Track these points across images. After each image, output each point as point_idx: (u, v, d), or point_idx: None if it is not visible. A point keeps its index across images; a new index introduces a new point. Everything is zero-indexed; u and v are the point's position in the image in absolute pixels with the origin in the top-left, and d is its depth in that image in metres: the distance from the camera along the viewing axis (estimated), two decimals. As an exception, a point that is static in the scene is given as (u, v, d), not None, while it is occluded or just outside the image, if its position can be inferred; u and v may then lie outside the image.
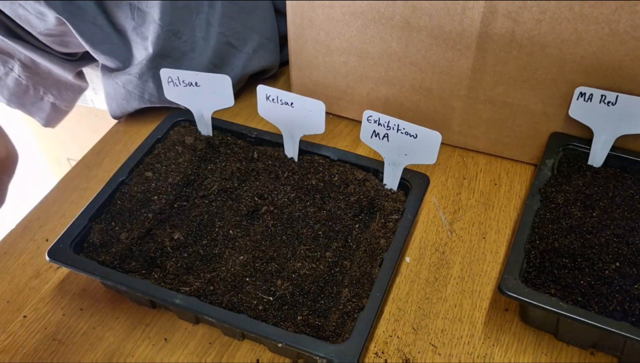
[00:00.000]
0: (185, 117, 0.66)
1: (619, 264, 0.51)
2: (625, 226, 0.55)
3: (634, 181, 0.59)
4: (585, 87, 0.58)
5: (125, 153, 0.68)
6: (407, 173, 0.58)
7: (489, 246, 0.60)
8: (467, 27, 0.59)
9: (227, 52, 0.74)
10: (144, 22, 0.69)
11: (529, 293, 0.48)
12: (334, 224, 0.56)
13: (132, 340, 0.54)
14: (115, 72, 0.72)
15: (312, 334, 0.48)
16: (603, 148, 0.60)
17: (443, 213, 0.64)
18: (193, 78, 0.62)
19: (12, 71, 0.79)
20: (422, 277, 0.58)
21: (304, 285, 0.52)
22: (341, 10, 0.64)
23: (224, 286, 0.52)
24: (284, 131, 0.61)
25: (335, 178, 0.60)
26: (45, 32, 0.70)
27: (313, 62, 0.70)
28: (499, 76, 0.62)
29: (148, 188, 0.60)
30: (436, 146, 0.54)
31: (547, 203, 0.57)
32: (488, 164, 0.69)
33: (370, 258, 0.53)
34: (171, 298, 0.50)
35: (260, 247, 0.55)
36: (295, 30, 0.68)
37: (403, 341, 0.53)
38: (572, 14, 0.55)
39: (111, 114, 0.77)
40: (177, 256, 0.54)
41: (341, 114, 0.75)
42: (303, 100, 0.58)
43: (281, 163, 0.62)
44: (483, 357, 0.52)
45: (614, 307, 0.48)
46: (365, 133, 0.57)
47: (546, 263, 0.52)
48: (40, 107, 0.86)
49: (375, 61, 0.67)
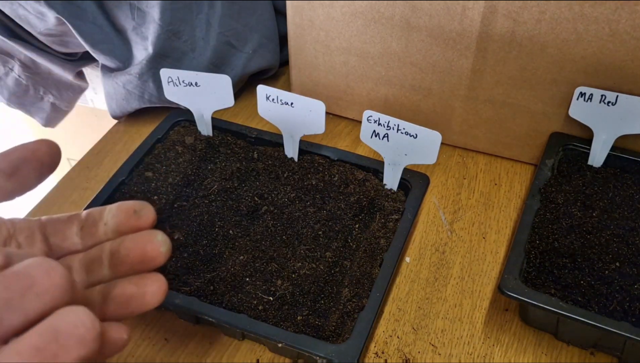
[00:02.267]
0: (185, 117, 0.66)
1: (619, 264, 0.51)
2: (625, 226, 0.55)
3: (634, 181, 0.59)
4: (585, 87, 0.58)
5: (125, 153, 0.68)
6: (407, 173, 0.58)
7: (489, 246, 0.60)
8: (467, 27, 0.59)
9: (227, 52, 0.74)
10: (144, 22, 0.69)
11: (529, 293, 0.48)
12: (334, 224, 0.56)
13: (132, 340, 0.54)
14: (115, 72, 0.72)
15: (312, 334, 0.48)
16: (603, 148, 0.60)
17: (443, 213, 0.64)
18: (193, 78, 0.62)
19: (12, 71, 0.79)
20: (422, 277, 0.58)
21: (304, 285, 0.52)
22: (341, 10, 0.64)
23: (224, 286, 0.52)
24: (284, 131, 0.61)
25: (335, 178, 0.60)
26: (45, 32, 0.70)
27: (313, 62, 0.70)
28: (499, 76, 0.62)
29: (148, 188, 0.60)
30: (436, 146, 0.54)
31: (547, 203, 0.57)
32: (488, 164, 0.69)
33: (370, 258, 0.53)
34: (171, 298, 0.50)
35: (260, 247, 0.55)
36: (295, 30, 0.68)
37: (403, 341, 0.53)
38: (572, 14, 0.55)
39: (111, 114, 0.77)
40: (177, 256, 0.54)
41: (341, 114, 0.75)
42: (303, 100, 0.58)
43: (281, 163, 0.62)
44: (483, 357, 0.52)
45: (614, 307, 0.48)
46: (365, 133, 0.57)
47: (546, 263, 0.52)
48: (40, 107, 0.86)
49: (375, 61, 0.67)
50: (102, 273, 0.35)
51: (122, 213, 0.36)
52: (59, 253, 0.38)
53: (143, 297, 0.34)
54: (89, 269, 0.36)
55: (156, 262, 0.34)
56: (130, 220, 0.36)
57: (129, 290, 0.34)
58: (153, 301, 0.34)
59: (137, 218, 0.36)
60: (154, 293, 0.34)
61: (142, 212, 0.36)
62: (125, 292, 0.34)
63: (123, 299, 0.34)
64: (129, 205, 0.36)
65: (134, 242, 0.34)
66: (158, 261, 0.34)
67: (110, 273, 0.35)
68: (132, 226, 0.36)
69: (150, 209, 0.36)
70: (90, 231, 0.38)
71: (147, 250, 0.34)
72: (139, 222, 0.36)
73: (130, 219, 0.36)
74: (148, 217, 0.36)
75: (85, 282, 0.36)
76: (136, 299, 0.34)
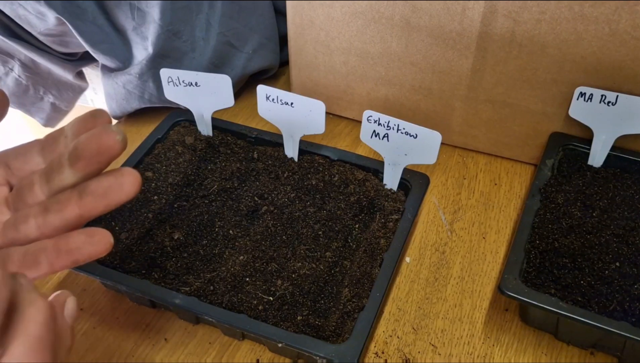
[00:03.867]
0: (185, 117, 0.66)
1: (619, 264, 0.51)
2: (625, 226, 0.55)
3: (634, 181, 0.59)
4: (585, 87, 0.58)
5: (125, 153, 0.68)
6: (407, 173, 0.58)
7: (489, 246, 0.60)
8: (467, 27, 0.59)
9: (227, 52, 0.74)
10: (144, 22, 0.69)
11: (529, 293, 0.48)
12: (334, 224, 0.56)
13: (132, 340, 0.54)
14: (115, 72, 0.72)
15: (312, 334, 0.48)
16: (603, 148, 0.60)
17: (443, 213, 0.64)
18: (193, 78, 0.62)
19: (12, 71, 0.79)
20: (422, 277, 0.58)
21: (304, 285, 0.52)
22: (341, 10, 0.64)
23: (224, 286, 0.52)
24: (284, 131, 0.61)
25: (335, 178, 0.60)
26: (45, 32, 0.70)
27: (313, 62, 0.70)
28: (499, 76, 0.62)
29: (148, 188, 0.60)
30: (436, 146, 0.54)
31: (547, 203, 0.57)
32: (488, 164, 0.69)
33: (370, 258, 0.53)
34: (171, 298, 0.50)
35: (260, 247, 0.55)
36: (295, 30, 0.68)
37: (403, 341, 0.53)
38: (572, 14, 0.55)
39: (111, 114, 0.77)
40: (177, 256, 0.54)
41: (341, 114, 0.75)
42: (303, 100, 0.58)
43: (281, 163, 0.62)
44: (483, 357, 0.52)
45: (614, 307, 0.48)
46: (365, 133, 0.57)
47: (546, 263, 0.52)
48: (40, 107, 0.86)
49: (375, 61, 0.67)
50: (64, 177, 0.36)
51: (80, 121, 0.37)
52: (21, 174, 0.39)
53: (121, 187, 0.35)
54: (50, 178, 0.36)
55: (113, 151, 0.34)
56: (88, 124, 0.37)
57: (106, 183, 0.35)
58: (132, 190, 0.35)
59: (93, 120, 0.37)
60: (132, 183, 0.35)
61: (98, 114, 0.37)
62: (102, 185, 0.35)
63: (101, 191, 0.35)
64: (84, 114, 0.37)
65: (89, 136, 0.34)
66: (115, 151, 0.34)
67: (72, 174, 0.35)
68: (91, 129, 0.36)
69: (106, 112, 0.37)
70: (51, 148, 0.38)
71: (103, 140, 0.34)
72: (96, 123, 0.37)
73: (88, 123, 0.37)
74: (104, 118, 0.37)
75: (47, 191, 0.36)
76: (114, 189, 0.35)
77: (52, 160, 0.37)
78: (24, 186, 0.37)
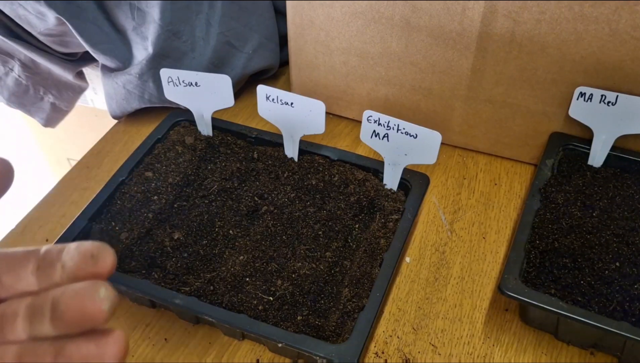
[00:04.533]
0: (185, 117, 0.66)
1: (619, 264, 0.51)
2: (625, 226, 0.55)
3: (634, 181, 0.59)
4: (585, 87, 0.58)
5: (125, 153, 0.68)
6: (407, 173, 0.58)
7: (489, 246, 0.60)
8: (467, 27, 0.59)
9: (227, 52, 0.74)
10: (144, 22, 0.69)
11: (529, 293, 0.48)
12: (334, 225, 0.56)
13: (132, 340, 0.54)
14: (115, 72, 0.72)
15: (312, 334, 0.48)
16: (603, 148, 0.60)
17: (443, 213, 0.64)
18: (193, 78, 0.62)
19: (12, 71, 0.79)
20: (422, 277, 0.58)
21: (304, 285, 0.52)
22: (341, 10, 0.64)
23: (224, 286, 0.52)
24: (284, 131, 0.61)
25: (335, 178, 0.60)
26: (45, 32, 0.70)
27: (313, 62, 0.70)
28: (499, 76, 0.62)
29: (148, 188, 0.60)
30: (436, 146, 0.54)
31: (547, 203, 0.57)
32: (488, 164, 0.69)
33: (370, 258, 0.53)
34: (171, 298, 0.50)
35: (260, 247, 0.55)
36: (295, 30, 0.68)
37: (403, 341, 0.53)
38: (572, 14, 0.55)
39: (111, 114, 0.77)
40: (177, 256, 0.55)
41: (341, 114, 0.75)
42: (303, 100, 0.58)
43: (281, 163, 0.62)
44: (483, 357, 0.52)
45: (614, 307, 0.48)
46: (365, 133, 0.57)
47: (546, 263, 0.52)
48: (40, 107, 0.86)
49: (375, 61, 0.67)
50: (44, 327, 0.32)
51: (79, 256, 0.33)
52: (11, 293, 0.35)
53: (102, 357, 0.31)
54: (33, 319, 0.33)
55: (96, 321, 0.30)
56: (87, 265, 0.32)
57: (85, 350, 0.31)
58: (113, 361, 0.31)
59: (93, 263, 0.32)
60: (114, 354, 0.30)
61: (100, 256, 0.33)
62: (81, 351, 0.31)
63: (77, 357, 0.31)
64: (87, 247, 0.33)
65: (74, 296, 0.31)
66: (98, 320, 0.30)
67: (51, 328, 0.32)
68: (89, 272, 0.33)
69: (109, 253, 0.33)
70: (46, 271, 0.34)
71: (87, 307, 0.30)
72: (96, 268, 0.32)
73: (87, 263, 0.32)
74: (105, 263, 0.33)
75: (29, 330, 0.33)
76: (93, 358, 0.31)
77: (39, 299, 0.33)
78: (8, 316, 0.34)
